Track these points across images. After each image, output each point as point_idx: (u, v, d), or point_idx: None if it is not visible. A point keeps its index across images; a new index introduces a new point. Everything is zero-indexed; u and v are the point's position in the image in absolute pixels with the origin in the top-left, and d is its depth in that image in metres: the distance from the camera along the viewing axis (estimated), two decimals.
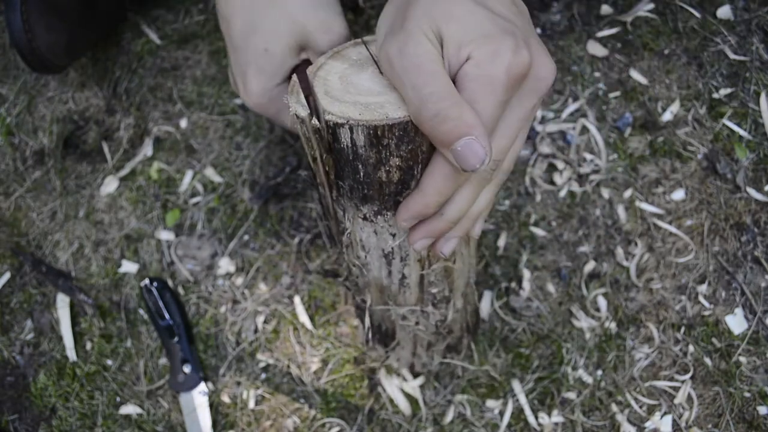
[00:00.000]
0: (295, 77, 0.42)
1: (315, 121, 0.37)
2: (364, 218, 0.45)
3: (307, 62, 0.52)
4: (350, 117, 0.36)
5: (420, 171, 0.40)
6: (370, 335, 0.66)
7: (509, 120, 0.38)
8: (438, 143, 0.36)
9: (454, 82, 0.35)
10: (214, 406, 0.74)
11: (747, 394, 0.68)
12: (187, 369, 0.73)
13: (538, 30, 0.81)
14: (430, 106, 0.34)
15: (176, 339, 0.73)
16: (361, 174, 0.40)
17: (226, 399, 0.74)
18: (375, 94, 0.39)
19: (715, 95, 0.76)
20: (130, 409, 0.74)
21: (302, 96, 0.40)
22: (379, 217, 0.44)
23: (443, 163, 0.37)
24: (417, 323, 0.58)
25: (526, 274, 0.75)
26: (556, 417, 0.70)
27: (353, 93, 0.39)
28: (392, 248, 0.47)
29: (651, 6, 0.79)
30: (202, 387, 0.73)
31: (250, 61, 0.51)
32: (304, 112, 0.38)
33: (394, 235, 0.46)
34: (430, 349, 0.66)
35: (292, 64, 0.51)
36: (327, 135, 0.38)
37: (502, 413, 0.71)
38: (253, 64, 0.50)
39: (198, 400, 0.72)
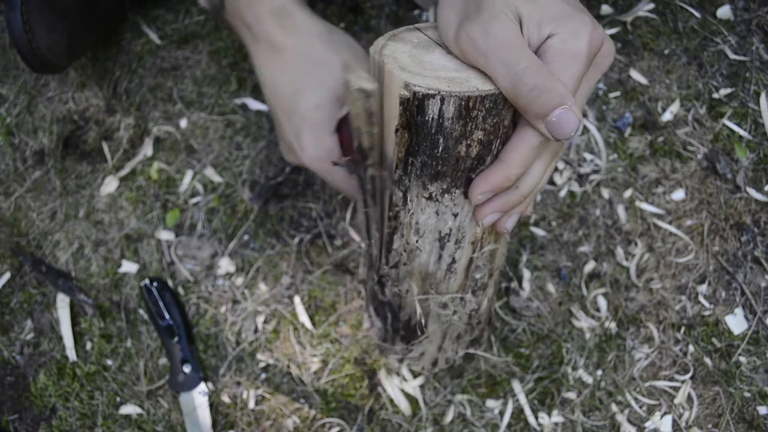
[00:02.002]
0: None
1: (404, 92, 0.37)
2: (429, 197, 0.45)
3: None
4: (440, 88, 0.37)
5: (498, 146, 0.40)
6: (391, 331, 0.66)
7: (580, 94, 0.40)
8: (532, 116, 0.37)
9: None
10: (214, 406, 0.74)
11: (747, 394, 0.69)
12: (187, 369, 0.73)
13: None
14: (527, 80, 0.35)
15: (176, 339, 0.73)
16: (440, 148, 0.40)
17: (226, 399, 0.74)
18: (453, 70, 0.39)
19: (715, 95, 0.76)
20: (130, 409, 0.74)
21: (362, 72, 0.40)
22: (446, 195, 0.44)
23: (530, 135, 0.39)
24: (455, 312, 0.58)
25: (526, 274, 0.75)
26: (556, 417, 0.70)
27: (430, 69, 0.39)
28: (450, 229, 0.47)
29: (651, 6, 0.79)
30: (202, 387, 0.73)
31: (303, 120, 0.54)
32: (371, 85, 0.38)
33: (456, 215, 0.46)
34: (457, 341, 0.66)
35: (339, 116, 0.54)
36: (413, 107, 0.38)
37: (502, 413, 0.71)
38: (307, 121, 0.54)
39: (198, 400, 0.72)
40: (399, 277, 0.55)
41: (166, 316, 0.73)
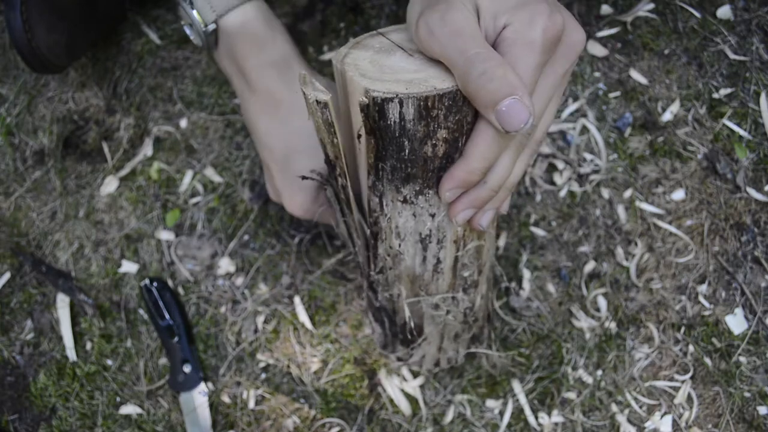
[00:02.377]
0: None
1: (363, 98, 0.37)
2: (404, 201, 0.45)
3: (319, 173, 0.57)
4: (398, 92, 0.37)
5: (464, 143, 0.40)
6: (390, 335, 0.66)
7: (543, 85, 0.39)
8: (483, 105, 0.36)
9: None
10: (214, 406, 0.74)
11: (747, 394, 0.69)
12: (187, 369, 0.73)
13: None
14: (478, 65, 0.35)
15: (176, 339, 0.73)
16: (407, 151, 0.41)
17: (226, 399, 0.74)
18: (412, 72, 0.39)
19: (715, 95, 0.76)
20: (130, 409, 0.74)
21: (317, 84, 0.40)
22: (420, 197, 0.44)
23: (487, 128, 0.38)
24: (448, 312, 0.58)
25: (526, 274, 0.75)
26: (556, 417, 0.70)
27: (390, 73, 0.39)
28: (430, 230, 0.48)
29: (651, 6, 0.79)
30: (202, 387, 0.73)
31: (295, 181, 0.56)
32: (325, 96, 0.38)
33: (433, 216, 0.46)
34: (456, 341, 0.66)
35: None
36: (373, 112, 0.38)
37: (502, 413, 0.71)
38: (299, 182, 0.55)
39: (198, 400, 0.72)
40: (388, 281, 0.56)
41: (166, 316, 0.73)
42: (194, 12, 0.52)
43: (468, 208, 0.44)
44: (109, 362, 0.76)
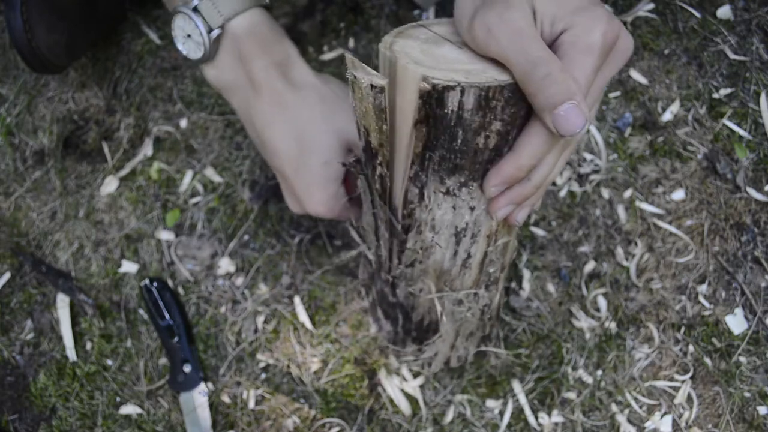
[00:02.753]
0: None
1: (425, 84, 0.37)
2: (446, 192, 0.45)
3: (357, 160, 0.56)
4: (459, 80, 0.37)
5: (514, 137, 0.40)
6: (402, 333, 0.65)
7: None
8: (541, 106, 0.37)
9: None
10: (214, 406, 0.74)
11: (747, 394, 0.69)
12: (187, 369, 0.73)
13: None
14: (542, 67, 0.35)
15: (176, 339, 0.73)
16: (459, 141, 0.40)
17: (226, 399, 0.74)
18: (467, 63, 0.39)
19: (715, 95, 0.76)
20: (130, 409, 0.74)
21: (368, 68, 0.40)
22: (463, 189, 0.44)
23: (541, 127, 0.39)
24: (469, 308, 0.58)
25: (526, 274, 0.75)
26: (556, 417, 0.70)
27: (444, 63, 0.39)
28: (466, 224, 0.47)
29: (651, 6, 0.79)
30: (202, 387, 0.73)
31: (312, 178, 0.55)
32: (381, 80, 0.38)
33: (472, 209, 0.46)
34: (468, 339, 0.65)
35: (342, 168, 0.56)
36: (432, 101, 0.38)
37: (502, 413, 0.71)
38: (316, 178, 0.55)
39: (198, 400, 0.72)
40: (413, 276, 0.55)
41: (166, 316, 0.73)
42: (199, 19, 0.52)
43: (510, 204, 0.44)
44: (109, 362, 0.76)
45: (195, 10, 0.52)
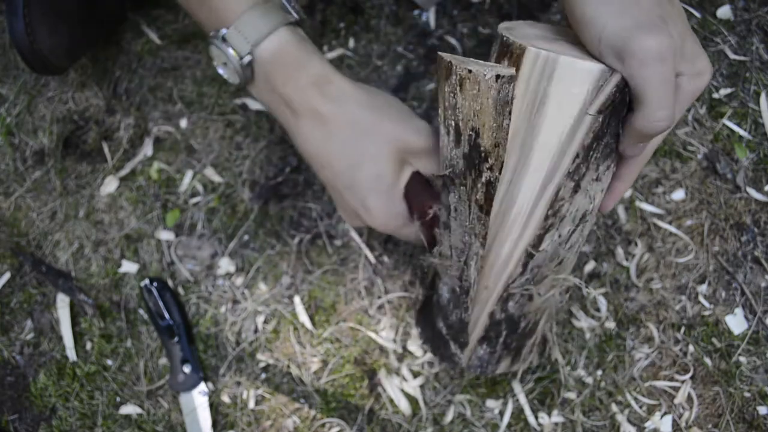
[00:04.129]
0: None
1: (618, 76, 0.39)
2: (596, 179, 0.45)
3: (418, 174, 0.55)
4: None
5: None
6: (500, 351, 0.59)
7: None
8: (641, 133, 0.41)
9: None
10: (214, 406, 0.74)
11: (747, 394, 0.69)
12: (187, 369, 0.73)
13: None
14: (669, 100, 0.39)
15: (176, 339, 0.73)
16: (621, 123, 0.42)
17: (226, 399, 0.74)
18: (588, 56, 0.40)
19: (715, 95, 0.76)
20: (130, 409, 0.74)
21: (481, 61, 0.40)
22: (606, 172, 0.45)
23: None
24: (561, 294, 0.56)
25: None
26: (556, 417, 0.70)
27: (581, 56, 0.40)
28: (591, 208, 0.47)
29: None
30: (202, 387, 0.73)
31: (367, 192, 0.53)
32: (509, 71, 0.39)
33: (602, 190, 0.47)
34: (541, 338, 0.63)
35: (404, 177, 0.54)
36: (621, 89, 0.39)
37: (502, 413, 0.71)
38: (371, 192, 0.53)
39: (198, 400, 0.72)
40: (537, 279, 0.52)
41: (166, 316, 0.73)
42: (230, 48, 0.51)
43: (626, 189, 0.48)
44: (109, 362, 0.76)
45: (224, 39, 0.51)
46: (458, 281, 0.53)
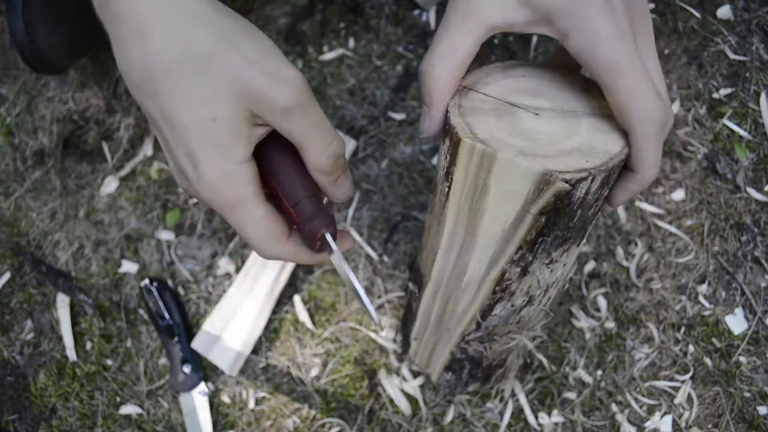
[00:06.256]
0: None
1: (564, 184, 0.34)
2: (550, 262, 0.43)
3: (279, 141, 0.39)
4: (587, 168, 0.35)
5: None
6: (466, 378, 0.63)
7: None
8: (645, 164, 0.39)
9: None
10: (215, 406, 0.74)
11: (747, 394, 0.69)
12: (187, 369, 0.73)
13: None
14: (657, 168, 0.38)
15: (176, 339, 0.73)
16: (575, 219, 0.39)
17: (226, 399, 0.74)
18: (564, 137, 0.37)
19: (715, 95, 0.76)
20: (130, 409, 0.74)
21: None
22: (565, 254, 0.43)
23: (651, 135, 0.39)
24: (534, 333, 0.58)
25: None
26: (556, 417, 0.70)
27: (544, 142, 0.36)
28: (558, 276, 0.47)
29: (651, 6, 0.79)
30: (202, 387, 0.73)
31: (195, 137, 0.38)
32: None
33: (565, 264, 0.46)
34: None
35: (248, 136, 0.39)
36: (563, 195, 0.36)
37: (502, 413, 0.71)
38: (200, 138, 0.38)
39: (198, 400, 0.72)
40: (492, 336, 0.53)
41: (166, 316, 0.73)
42: None
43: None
44: (109, 362, 0.76)
45: None
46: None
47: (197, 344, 0.72)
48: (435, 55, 0.40)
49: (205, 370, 0.75)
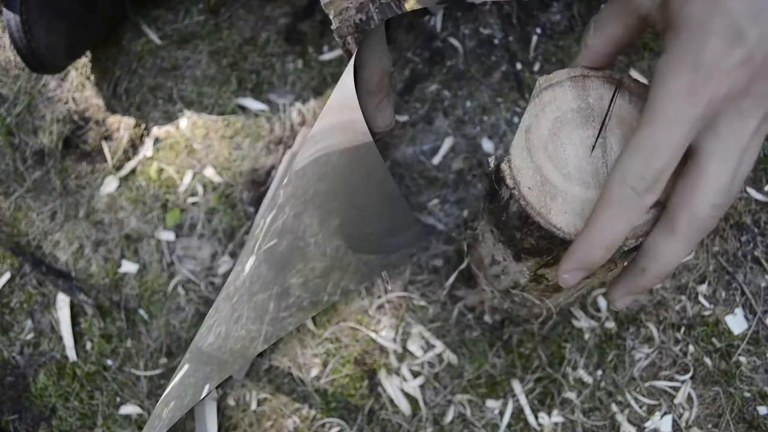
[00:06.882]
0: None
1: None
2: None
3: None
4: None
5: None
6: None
7: None
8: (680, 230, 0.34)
9: None
10: (221, 410, 0.74)
11: (747, 394, 0.69)
12: None
13: (538, 30, 0.81)
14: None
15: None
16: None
17: (231, 402, 0.74)
18: (589, 173, 0.35)
19: None
20: (130, 409, 0.74)
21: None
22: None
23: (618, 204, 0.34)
24: None
25: None
26: (556, 417, 0.70)
27: (573, 176, 0.35)
28: None
29: None
30: (213, 392, 0.73)
31: None
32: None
33: None
34: None
35: None
36: None
37: (502, 413, 0.71)
38: None
39: (208, 405, 0.72)
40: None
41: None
42: None
43: (628, 296, 0.38)
44: (109, 362, 0.76)
45: None
46: None
47: None
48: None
49: None
